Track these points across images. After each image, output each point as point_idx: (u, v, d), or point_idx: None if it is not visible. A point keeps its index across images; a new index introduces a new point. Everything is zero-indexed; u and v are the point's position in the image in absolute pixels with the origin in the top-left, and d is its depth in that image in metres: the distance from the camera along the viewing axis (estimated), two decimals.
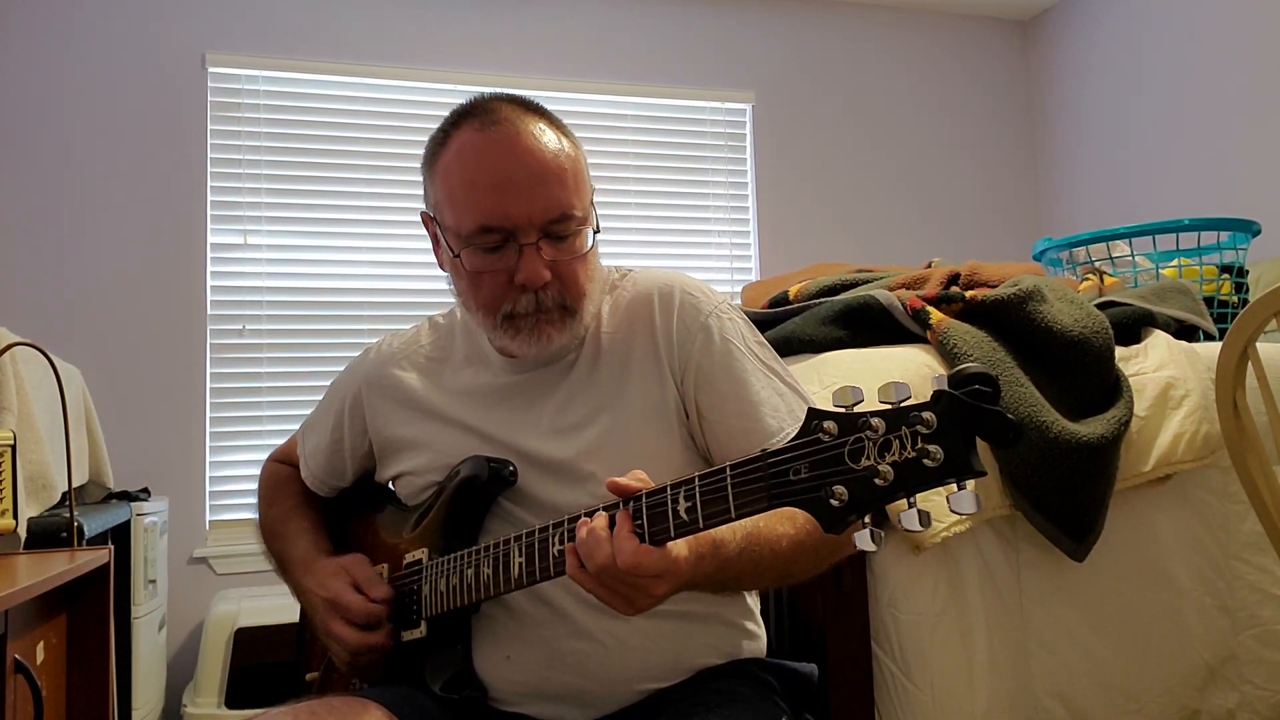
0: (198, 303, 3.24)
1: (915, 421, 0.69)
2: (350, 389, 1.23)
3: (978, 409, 0.68)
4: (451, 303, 1.21)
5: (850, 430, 0.73)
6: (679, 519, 0.82)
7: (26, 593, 1.16)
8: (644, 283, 1.12)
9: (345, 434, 1.23)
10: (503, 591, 0.97)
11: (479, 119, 1.03)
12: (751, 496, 0.78)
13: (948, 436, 0.68)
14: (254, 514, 1.34)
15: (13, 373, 1.74)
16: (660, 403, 1.07)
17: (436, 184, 1.06)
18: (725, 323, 1.09)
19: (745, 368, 1.06)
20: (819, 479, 0.74)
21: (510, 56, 3.64)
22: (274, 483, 1.34)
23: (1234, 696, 1.55)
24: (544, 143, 1.02)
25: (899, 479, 0.70)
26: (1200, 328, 1.82)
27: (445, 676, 1.04)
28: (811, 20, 4.08)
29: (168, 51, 3.30)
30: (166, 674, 2.87)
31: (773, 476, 0.77)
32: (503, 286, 1.03)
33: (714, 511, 0.81)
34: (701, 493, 0.81)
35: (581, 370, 1.10)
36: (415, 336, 1.23)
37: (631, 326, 1.10)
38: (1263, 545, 1.57)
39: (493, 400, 1.12)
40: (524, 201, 1.00)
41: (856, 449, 0.72)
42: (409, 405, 1.17)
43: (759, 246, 3.89)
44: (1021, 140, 4.33)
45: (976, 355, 1.44)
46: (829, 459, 0.74)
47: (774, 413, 1.05)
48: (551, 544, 0.92)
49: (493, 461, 1.05)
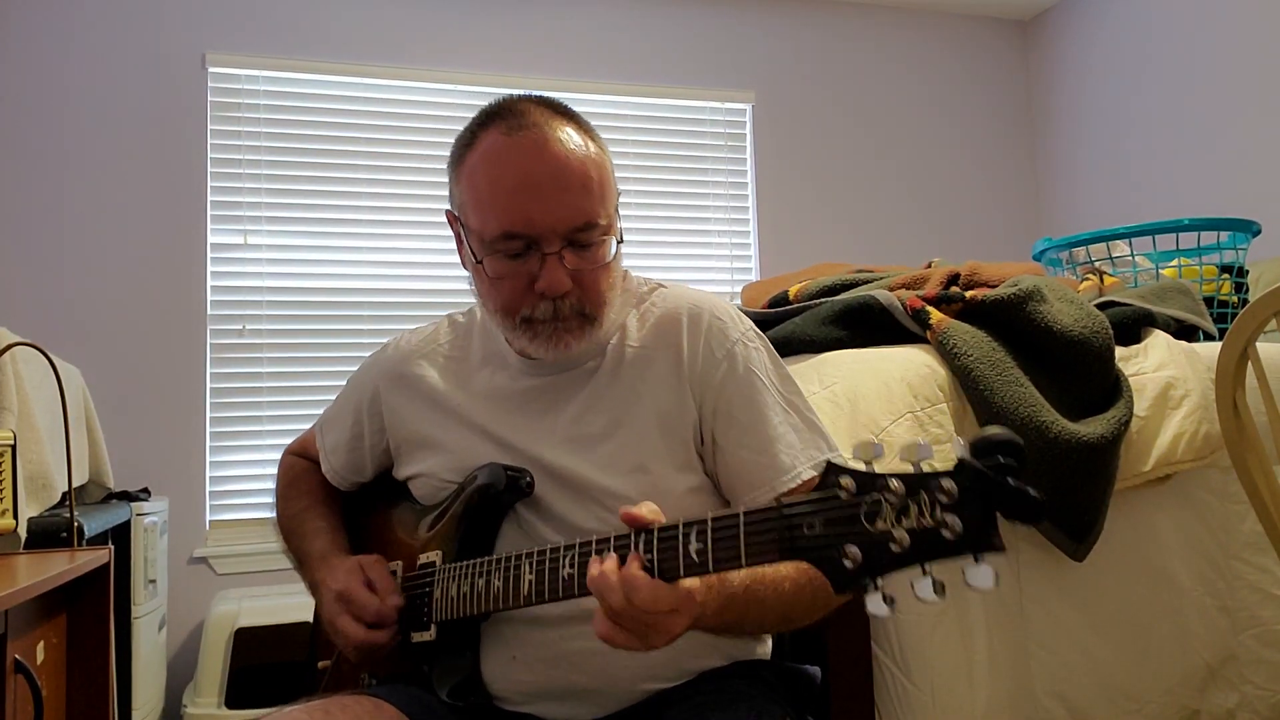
0: (198, 303, 3.24)
1: (935, 489, 0.68)
2: (369, 386, 1.22)
3: (1001, 485, 0.66)
4: (468, 302, 1.21)
5: (868, 489, 0.72)
6: (689, 559, 0.82)
7: (26, 593, 1.17)
8: (673, 301, 1.12)
9: (365, 431, 1.23)
10: (513, 607, 0.97)
11: (507, 121, 1.02)
12: (763, 547, 0.78)
13: (968, 509, 0.67)
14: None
15: (13, 373, 1.74)
16: (679, 423, 1.06)
17: (462, 185, 1.05)
18: (750, 352, 1.08)
19: (765, 400, 1.06)
20: (833, 537, 0.73)
21: (510, 56, 3.64)
22: (292, 477, 1.33)
23: (1234, 696, 1.55)
24: (571, 149, 1.00)
25: (915, 547, 0.69)
26: (1200, 328, 1.82)
27: (452, 682, 1.04)
28: (811, 20, 4.08)
29: (168, 51, 3.30)
30: (166, 674, 2.88)
31: (786, 529, 0.76)
32: (522, 291, 1.02)
33: (724, 556, 0.80)
34: (714, 535, 0.81)
35: (602, 379, 1.09)
36: (434, 334, 1.22)
37: (658, 344, 1.09)
38: (1263, 545, 1.57)
39: (511, 404, 1.11)
40: (548, 209, 0.99)
41: (873, 510, 0.71)
42: (428, 401, 1.16)
43: (759, 246, 3.89)
44: (1021, 140, 4.33)
45: (976, 355, 1.44)
46: (844, 518, 0.73)
47: (789, 449, 1.04)
48: (562, 566, 0.91)
49: (510, 471, 1.05)
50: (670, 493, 1.05)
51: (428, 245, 3.49)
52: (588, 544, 0.90)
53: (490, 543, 1.07)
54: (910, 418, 1.40)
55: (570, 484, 1.06)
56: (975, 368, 1.43)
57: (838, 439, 1.17)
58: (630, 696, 1.05)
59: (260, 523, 3.21)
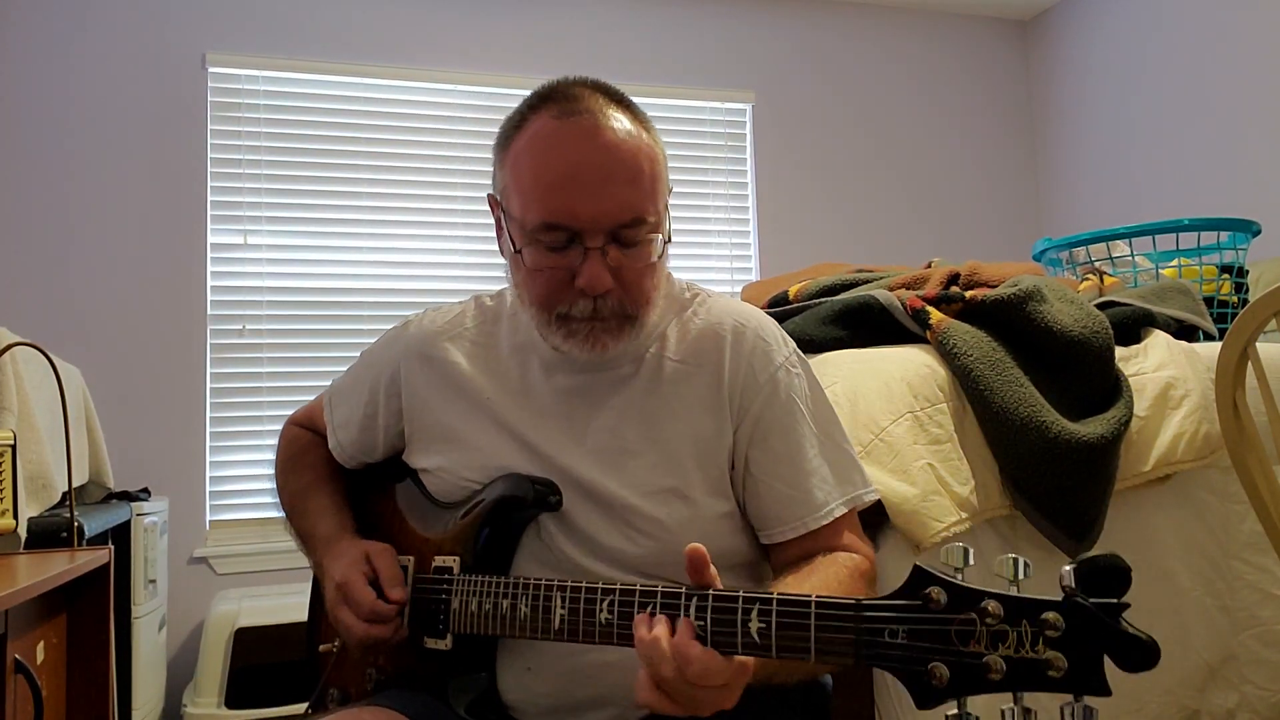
0: (198, 303, 3.24)
1: (1040, 623, 0.64)
2: (389, 365, 1.15)
3: (1115, 632, 0.63)
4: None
5: (961, 607, 0.67)
6: (748, 638, 0.76)
7: (26, 593, 1.16)
8: (718, 314, 1.07)
9: (380, 410, 1.16)
10: (539, 638, 0.93)
11: (559, 105, 0.97)
12: (836, 645, 0.73)
13: (1075, 649, 0.63)
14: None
15: (13, 373, 1.74)
16: (714, 447, 1.02)
17: (506, 169, 1.00)
18: (793, 379, 1.05)
19: (803, 432, 1.03)
20: (919, 651, 0.69)
21: (510, 56, 3.64)
22: (296, 449, 1.27)
23: (1234, 696, 1.55)
24: (623, 138, 0.95)
25: (1011, 677, 0.65)
26: (1200, 328, 1.82)
27: (470, 698, 1.01)
28: (811, 20, 4.08)
29: (168, 51, 3.30)
30: (166, 674, 2.88)
31: (864, 631, 0.71)
32: (561, 286, 0.97)
33: (791, 645, 0.74)
34: (779, 618, 0.75)
35: (638, 390, 1.04)
36: (460, 315, 1.15)
37: (699, 360, 1.04)
38: (1263, 545, 1.57)
39: (540, 404, 1.06)
40: (594, 202, 0.93)
41: (966, 630, 0.67)
42: (454, 389, 1.10)
43: (759, 246, 3.89)
44: (1021, 140, 4.33)
45: (976, 355, 1.44)
46: (933, 633, 0.68)
47: (823, 484, 1.01)
48: (599, 609, 0.87)
49: (538, 484, 1.00)
50: (701, 517, 1.01)
51: (428, 245, 3.49)
52: (630, 592, 0.85)
53: (510, 553, 1.03)
54: (910, 418, 1.40)
55: (598, 500, 1.01)
56: (975, 368, 1.43)
57: None
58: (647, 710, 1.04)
59: (260, 523, 3.21)
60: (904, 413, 1.40)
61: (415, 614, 1.05)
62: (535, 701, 1.02)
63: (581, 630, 0.88)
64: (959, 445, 1.41)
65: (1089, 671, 0.63)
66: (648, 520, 1.00)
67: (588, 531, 1.01)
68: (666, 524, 1.00)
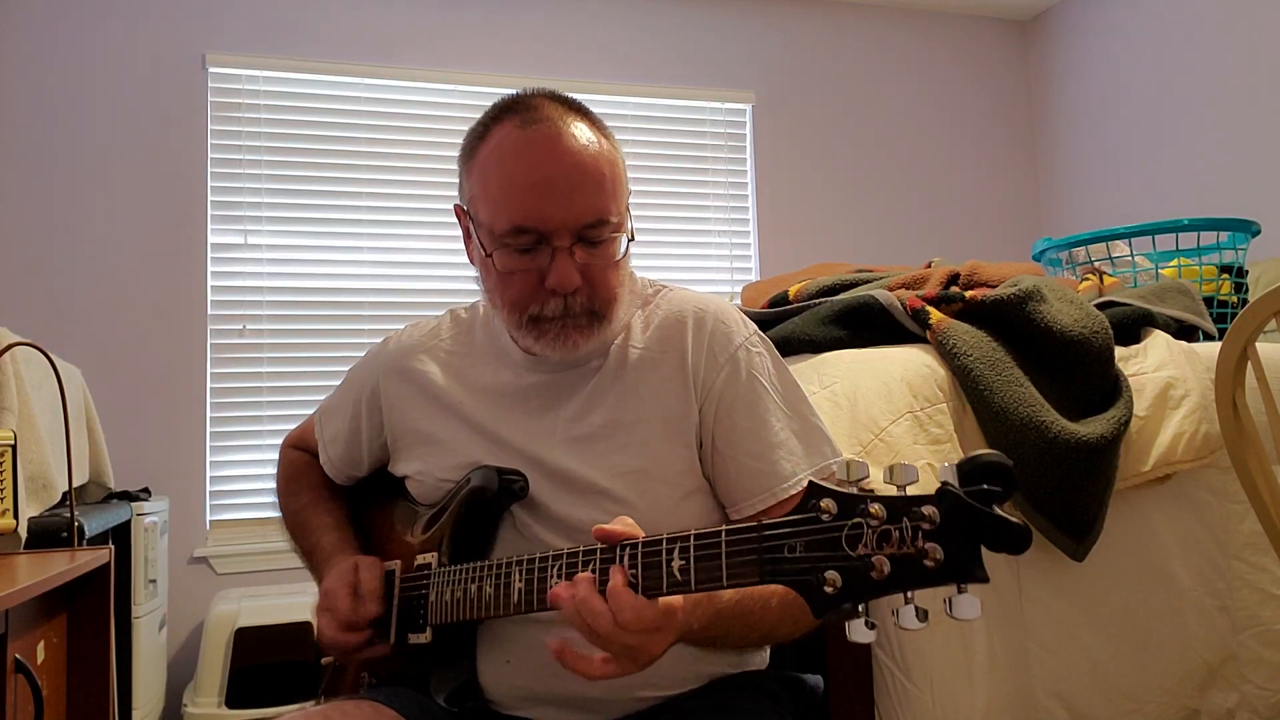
0: (198, 303, 3.24)
1: (917, 516, 0.66)
2: (369, 381, 1.21)
3: (984, 514, 0.64)
4: (471, 299, 1.20)
5: (849, 513, 0.70)
6: (672, 577, 0.80)
7: (26, 593, 1.16)
8: (678, 303, 1.11)
9: (363, 425, 1.21)
10: (505, 614, 0.96)
11: (521, 115, 1.01)
12: (744, 568, 0.76)
13: (950, 538, 0.65)
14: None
15: (13, 373, 1.74)
16: (681, 426, 1.05)
17: (473, 178, 1.04)
18: (754, 357, 1.07)
19: (767, 406, 1.05)
20: (813, 560, 0.71)
21: (510, 56, 3.64)
22: (293, 471, 1.31)
23: (1234, 696, 1.55)
24: (584, 145, 1.00)
25: (895, 575, 0.67)
26: (1200, 328, 1.82)
27: (450, 688, 1.03)
28: (811, 20, 4.08)
29: (168, 51, 3.30)
30: (166, 674, 2.88)
31: (766, 550, 0.74)
32: (532, 287, 1.01)
33: (706, 577, 0.78)
34: (696, 553, 0.79)
35: (605, 379, 1.07)
36: (436, 329, 1.21)
37: (662, 346, 1.08)
38: (1263, 545, 1.57)
39: (511, 401, 1.10)
40: (561, 204, 0.98)
41: (855, 534, 0.69)
42: (429, 397, 1.14)
43: (759, 246, 3.89)
44: (1021, 140, 4.33)
45: (976, 355, 1.44)
46: (825, 540, 0.71)
47: (790, 456, 1.03)
48: (550, 577, 0.90)
49: (504, 474, 1.03)
50: (670, 497, 1.04)
51: (428, 245, 3.49)
52: (575, 554, 0.88)
53: (487, 545, 1.06)
54: (910, 418, 1.40)
55: (569, 484, 1.04)
56: (975, 368, 1.43)
57: (838, 439, 1.16)
58: (630, 705, 1.04)
59: (260, 522, 3.21)
60: (904, 413, 1.40)
61: (400, 615, 1.08)
62: (516, 695, 1.05)
63: (537, 600, 0.91)
64: (959, 445, 1.41)
65: (967, 560, 0.64)
66: (619, 502, 1.02)
67: (560, 516, 1.04)
68: (638, 505, 1.02)
